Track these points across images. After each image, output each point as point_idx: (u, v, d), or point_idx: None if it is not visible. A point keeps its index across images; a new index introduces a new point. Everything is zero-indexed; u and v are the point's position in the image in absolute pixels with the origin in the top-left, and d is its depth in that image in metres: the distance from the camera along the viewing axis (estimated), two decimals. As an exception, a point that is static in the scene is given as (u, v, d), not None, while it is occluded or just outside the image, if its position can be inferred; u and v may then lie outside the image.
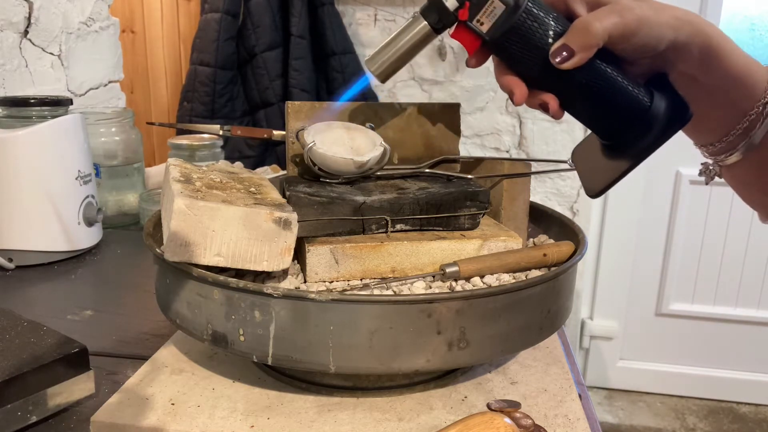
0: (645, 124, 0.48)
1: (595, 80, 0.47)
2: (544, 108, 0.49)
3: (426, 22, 0.49)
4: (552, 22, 0.46)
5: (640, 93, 0.48)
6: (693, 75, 0.48)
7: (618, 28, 0.44)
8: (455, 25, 0.48)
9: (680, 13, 0.46)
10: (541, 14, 0.46)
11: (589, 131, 0.53)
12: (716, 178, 0.55)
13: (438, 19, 0.48)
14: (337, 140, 0.61)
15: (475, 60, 0.50)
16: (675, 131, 0.48)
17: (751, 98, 0.48)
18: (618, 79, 0.47)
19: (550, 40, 0.46)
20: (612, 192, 2.24)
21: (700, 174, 0.56)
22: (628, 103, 0.48)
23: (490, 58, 0.51)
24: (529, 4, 0.46)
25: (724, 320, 2.04)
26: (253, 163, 1.78)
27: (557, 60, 0.45)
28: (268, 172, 1.09)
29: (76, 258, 0.91)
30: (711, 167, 0.55)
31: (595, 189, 0.51)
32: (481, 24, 0.47)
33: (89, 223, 0.91)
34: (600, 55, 0.45)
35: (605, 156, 0.52)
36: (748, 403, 2.09)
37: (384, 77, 0.52)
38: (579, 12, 0.47)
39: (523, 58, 0.47)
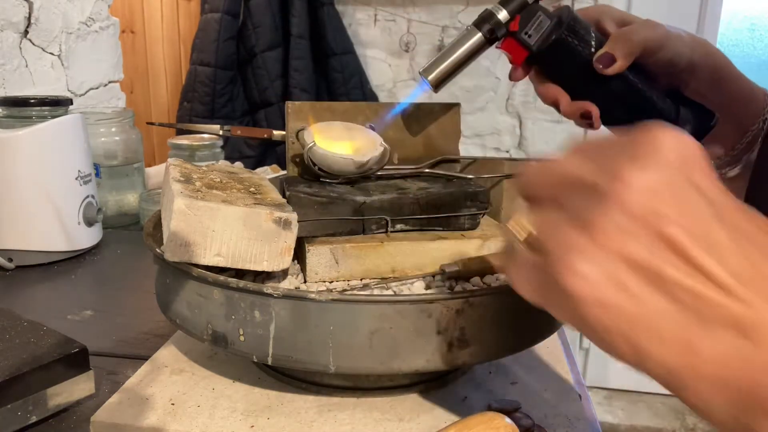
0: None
1: (629, 90, 0.51)
2: (586, 116, 0.52)
3: (480, 33, 0.53)
4: (592, 35, 0.51)
5: (666, 104, 0.52)
6: (702, 93, 0.53)
7: (651, 40, 0.50)
8: (505, 36, 0.53)
9: (694, 37, 0.52)
10: (582, 30, 0.51)
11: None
12: None
13: (491, 29, 0.52)
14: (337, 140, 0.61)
15: (521, 72, 0.54)
16: (704, 135, 0.52)
17: (753, 115, 0.54)
18: (648, 90, 0.52)
19: (592, 50, 0.51)
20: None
21: None
22: (658, 112, 0.52)
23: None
24: (571, 21, 0.51)
25: (724, 320, 2.04)
26: (253, 163, 1.78)
27: (601, 66, 0.50)
28: (268, 172, 1.09)
29: (76, 258, 0.91)
30: None
31: None
32: (529, 36, 0.52)
33: (89, 223, 0.91)
34: (632, 69, 0.51)
35: None
36: (748, 403, 2.09)
37: (438, 86, 0.56)
38: (610, 29, 0.52)
39: (565, 68, 0.52)
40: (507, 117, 1.91)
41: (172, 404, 0.51)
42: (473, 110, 1.92)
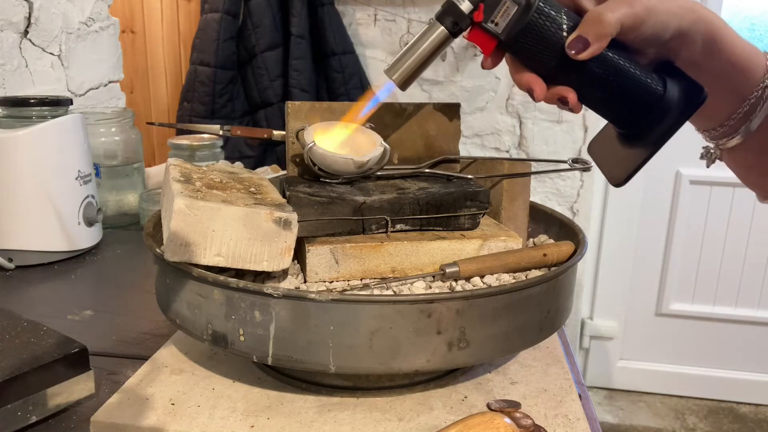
0: (661, 109, 0.49)
1: (609, 71, 0.48)
2: (563, 102, 0.49)
3: (443, 27, 0.50)
4: (564, 17, 0.47)
5: (653, 80, 0.49)
6: (696, 62, 0.49)
7: (629, 18, 0.45)
8: (470, 27, 0.49)
9: (682, 2, 0.47)
10: (553, 11, 0.47)
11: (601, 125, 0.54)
12: (717, 163, 0.57)
13: (454, 22, 0.49)
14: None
15: (491, 61, 0.51)
16: (692, 113, 0.49)
17: (751, 83, 0.50)
18: (630, 68, 0.48)
19: (564, 34, 0.47)
20: (612, 192, 2.22)
21: (702, 157, 0.57)
22: (643, 90, 0.49)
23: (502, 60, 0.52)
24: (541, 3, 0.47)
25: (724, 320, 2.04)
26: (253, 163, 1.78)
27: (573, 51, 0.46)
28: (268, 172, 1.09)
29: (76, 258, 0.91)
30: (712, 151, 0.56)
31: (620, 178, 0.51)
32: (496, 24, 0.48)
33: (89, 223, 0.91)
34: (612, 46, 0.47)
35: (624, 145, 0.52)
36: (748, 403, 2.09)
37: (404, 84, 0.53)
38: (587, 6, 0.48)
39: (538, 54, 0.48)
40: (507, 117, 1.91)
41: (172, 404, 0.51)
42: (473, 110, 1.92)
